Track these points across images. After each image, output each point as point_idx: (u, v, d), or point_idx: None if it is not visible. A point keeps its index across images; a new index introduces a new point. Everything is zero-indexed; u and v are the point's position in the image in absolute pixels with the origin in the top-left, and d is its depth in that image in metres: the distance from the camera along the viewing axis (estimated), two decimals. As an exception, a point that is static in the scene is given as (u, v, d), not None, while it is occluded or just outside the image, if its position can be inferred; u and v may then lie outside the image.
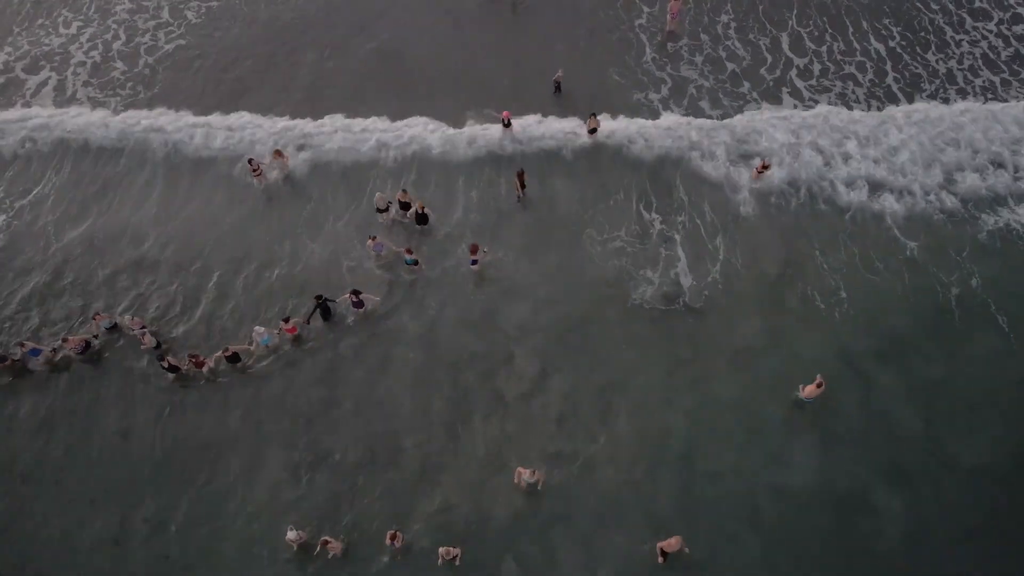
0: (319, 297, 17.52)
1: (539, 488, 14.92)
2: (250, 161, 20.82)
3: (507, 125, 21.24)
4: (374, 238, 18.68)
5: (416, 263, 18.62)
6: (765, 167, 19.86)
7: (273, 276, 18.94)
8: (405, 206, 19.61)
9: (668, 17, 24.42)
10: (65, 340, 17.54)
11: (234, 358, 17.02)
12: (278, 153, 20.95)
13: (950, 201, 19.81)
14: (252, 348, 17.32)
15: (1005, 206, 19.75)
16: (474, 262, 18.35)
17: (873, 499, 14.94)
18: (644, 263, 18.76)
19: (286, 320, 17.39)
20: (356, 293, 17.58)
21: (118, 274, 19.33)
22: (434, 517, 14.95)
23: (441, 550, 14.18)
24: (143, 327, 17.91)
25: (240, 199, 20.86)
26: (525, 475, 14.74)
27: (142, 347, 17.64)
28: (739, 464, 15.40)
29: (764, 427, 15.88)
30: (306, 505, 15.27)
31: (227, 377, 17.18)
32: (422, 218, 19.49)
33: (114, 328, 18.11)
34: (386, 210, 19.48)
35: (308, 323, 17.62)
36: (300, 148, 21.78)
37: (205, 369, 17.03)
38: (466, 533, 14.68)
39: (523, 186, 19.92)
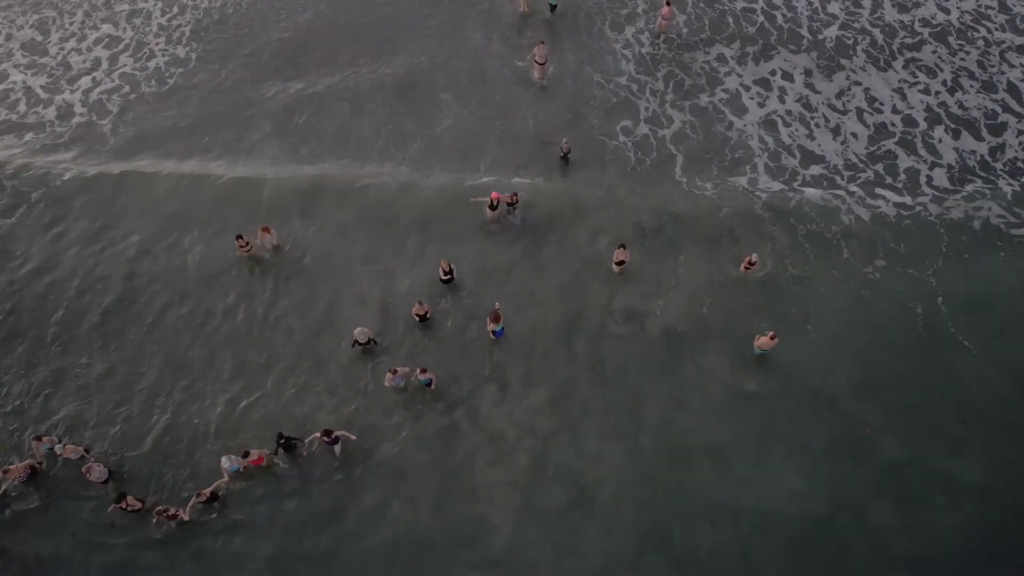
0: (280, 435, 16.07)
1: None
2: (239, 237, 18.75)
3: (494, 208, 19.72)
4: (395, 371, 16.76)
5: (431, 383, 16.95)
6: (751, 263, 18.79)
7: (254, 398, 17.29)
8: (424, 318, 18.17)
9: (660, 21, 25.08)
10: (5, 471, 15.48)
11: (212, 498, 15.53)
12: (265, 229, 19.03)
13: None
14: (226, 480, 15.80)
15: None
16: (498, 332, 17.39)
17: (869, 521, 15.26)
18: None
19: (245, 455, 15.73)
20: (328, 433, 15.85)
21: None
22: None
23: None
24: (86, 452, 15.93)
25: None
26: None
27: (88, 478, 15.43)
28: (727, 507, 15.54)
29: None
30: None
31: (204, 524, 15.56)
32: (448, 276, 18.50)
33: (51, 452, 15.90)
34: (368, 343, 17.52)
35: (275, 454, 16.15)
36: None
37: (180, 518, 15.27)
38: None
39: (513, 203, 19.91)
